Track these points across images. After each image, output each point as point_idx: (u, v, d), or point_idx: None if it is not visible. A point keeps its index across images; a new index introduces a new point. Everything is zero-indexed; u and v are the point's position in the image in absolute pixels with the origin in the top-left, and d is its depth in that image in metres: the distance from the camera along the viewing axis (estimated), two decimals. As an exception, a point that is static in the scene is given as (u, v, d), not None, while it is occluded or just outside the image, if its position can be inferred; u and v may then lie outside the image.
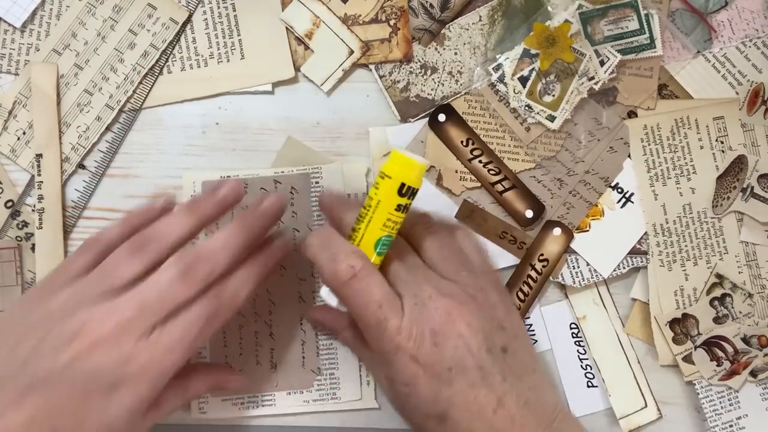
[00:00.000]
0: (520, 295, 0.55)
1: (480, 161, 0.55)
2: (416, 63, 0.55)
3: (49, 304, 0.42)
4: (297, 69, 0.56)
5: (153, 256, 0.43)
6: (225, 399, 0.54)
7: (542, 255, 0.55)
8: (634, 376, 0.55)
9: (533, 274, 0.55)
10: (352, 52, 0.53)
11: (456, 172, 0.55)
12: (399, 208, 0.43)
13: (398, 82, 0.55)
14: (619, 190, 0.55)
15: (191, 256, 0.43)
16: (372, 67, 0.55)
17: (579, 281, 0.55)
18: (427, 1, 0.54)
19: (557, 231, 0.55)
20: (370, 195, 0.43)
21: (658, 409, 0.55)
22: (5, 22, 0.55)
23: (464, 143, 0.55)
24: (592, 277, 0.55)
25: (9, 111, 0.55)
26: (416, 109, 0.55)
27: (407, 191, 0.43)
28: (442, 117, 0.55)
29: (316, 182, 0.55)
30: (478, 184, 0.55)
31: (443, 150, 0.55)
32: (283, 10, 0.55)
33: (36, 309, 0.42)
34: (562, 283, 0.55)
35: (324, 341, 0.55)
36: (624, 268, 0.55)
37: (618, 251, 0.55)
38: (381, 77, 0.55)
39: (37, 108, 0.54)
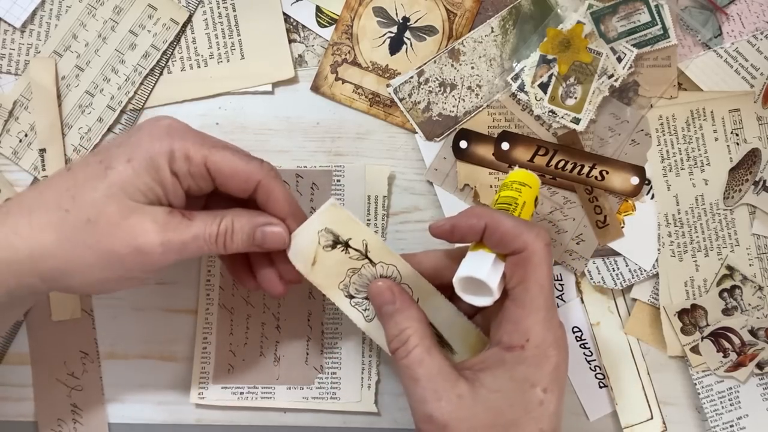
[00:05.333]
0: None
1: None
2: (434, 81, 0.55)
3: None
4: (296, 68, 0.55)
5: None
6: (225, 387, 0.55)
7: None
8: (643, 387, 0.55)
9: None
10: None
11: (491, 187, 0.55)
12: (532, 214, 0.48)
13: (419, 103, 0.55)
14: (646, 182, 0.55)
15: None
16: (391, 90, 0.55)
17: (620, 282, 0.55)
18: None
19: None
20: (513, 196, 0.46)
21: (664, 422, 0.55)
22: (5, 22, 0.55)
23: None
24: (633, 278, 0.54)
25: (9, 111, 0.55)
26: (441, 128, 0.55)
27: (537, 202, 0.48)
28: (463, 144, 0.54)
29: (338, 180, 0.55)
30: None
31: (474, 168, 0.55)
32: (282, 11, 0.55)
33: None
34: (603, 286, 0.55)
35: (329, 340, 0.55)
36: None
37: (654, 242, 0.55)
38: (401, 100, 0.55)
39: (37, 103, 0.54)
